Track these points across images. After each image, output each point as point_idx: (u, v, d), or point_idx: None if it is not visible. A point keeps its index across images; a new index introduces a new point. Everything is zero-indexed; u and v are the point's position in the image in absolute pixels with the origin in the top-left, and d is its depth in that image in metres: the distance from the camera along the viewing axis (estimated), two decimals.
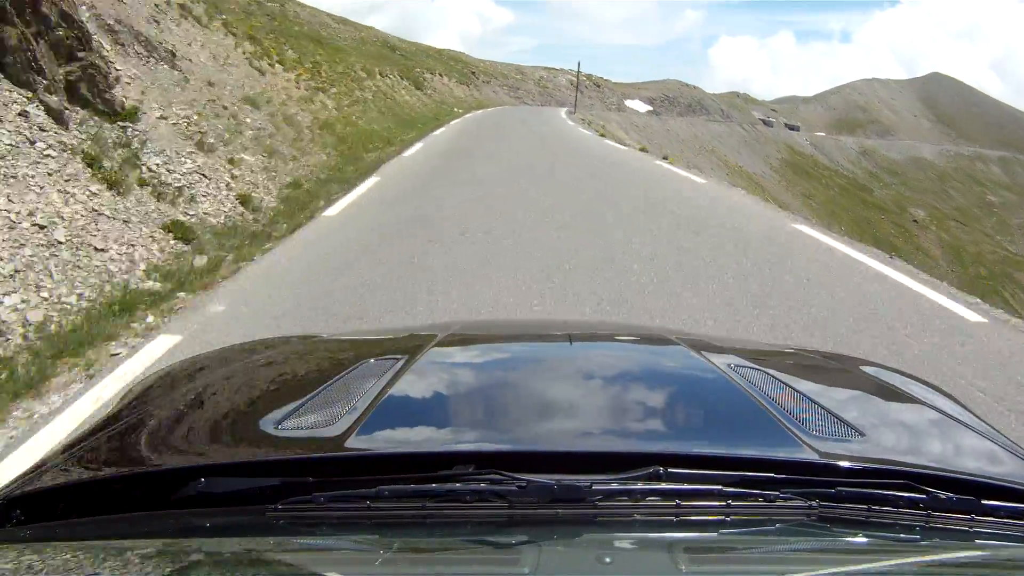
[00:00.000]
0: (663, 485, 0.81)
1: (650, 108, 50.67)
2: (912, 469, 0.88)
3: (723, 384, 1.15)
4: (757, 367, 1.25)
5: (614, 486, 0.81)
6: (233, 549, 0.76)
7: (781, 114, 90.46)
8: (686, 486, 0.82)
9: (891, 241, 44.69)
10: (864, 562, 0.80)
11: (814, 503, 0.83)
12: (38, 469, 0.98)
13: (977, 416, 1.23)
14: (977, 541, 0.82)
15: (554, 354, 1.48)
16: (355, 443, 0.90)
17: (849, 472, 0.86)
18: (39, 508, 0.89)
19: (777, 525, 0.82)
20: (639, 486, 0.81)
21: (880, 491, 0.84)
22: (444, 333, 1.52)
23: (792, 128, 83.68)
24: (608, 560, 0.69)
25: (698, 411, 1.15)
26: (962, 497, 0.83)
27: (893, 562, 0.78)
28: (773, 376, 1.20)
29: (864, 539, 0.82)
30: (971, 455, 1.06)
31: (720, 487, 0.82)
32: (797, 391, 1.13)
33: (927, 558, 0.81)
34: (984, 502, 0.84)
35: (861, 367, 1.50)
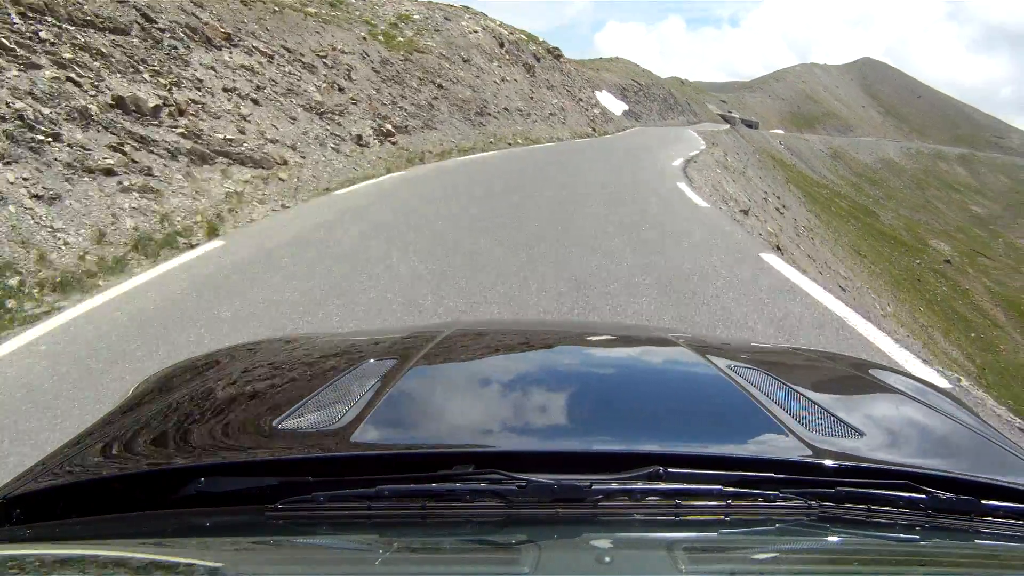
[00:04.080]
0: (663, 485, 0.81)
1: (625, 107, 34.60)
2: (912, 469, 0.87)
3: (723, 384, 1.14)
4: (757, 367, 1.24)
5: (614, 486, 0.80)
6: (233, 549, 0.77)
7: (730, 105, 76.08)
8: (686, 486, 0.81)
9: (952, 305, 30.58)
10: (864, 562, 0.79)
11: (814, 503, 0.82)
12: (38, 469, 0.97)
13: (978, 416, 1.22)
14: (977, 541, 0.81)
15: (554, 354, 1.49)
16: (355, 442, 0.89)
17: (849, 472, 0.85)
18: (39, 508, 0.88)
19: (777, 525, 0.81)
20: (639, 486, 0.80)
21: (880, 491, 0.83)
22: (444, 333, 1.50)
23: (750, 125, 68.90)
24: (608, 560, 0.69)
25: (698, 411, 1.13)
26: (962, 497, 0.82)
27: (893, 562, 0.78)
28: (773, 376, 1.19)
29: (864, 539, 0.82)
30: (971, 455, 1.04)
31: (720, 487, 0.81)
32: (797, 391, 1.12)
33: (927, 558, 0.80)
34: (984, 502, 0.83)
35: (860, 367, 1.51)
